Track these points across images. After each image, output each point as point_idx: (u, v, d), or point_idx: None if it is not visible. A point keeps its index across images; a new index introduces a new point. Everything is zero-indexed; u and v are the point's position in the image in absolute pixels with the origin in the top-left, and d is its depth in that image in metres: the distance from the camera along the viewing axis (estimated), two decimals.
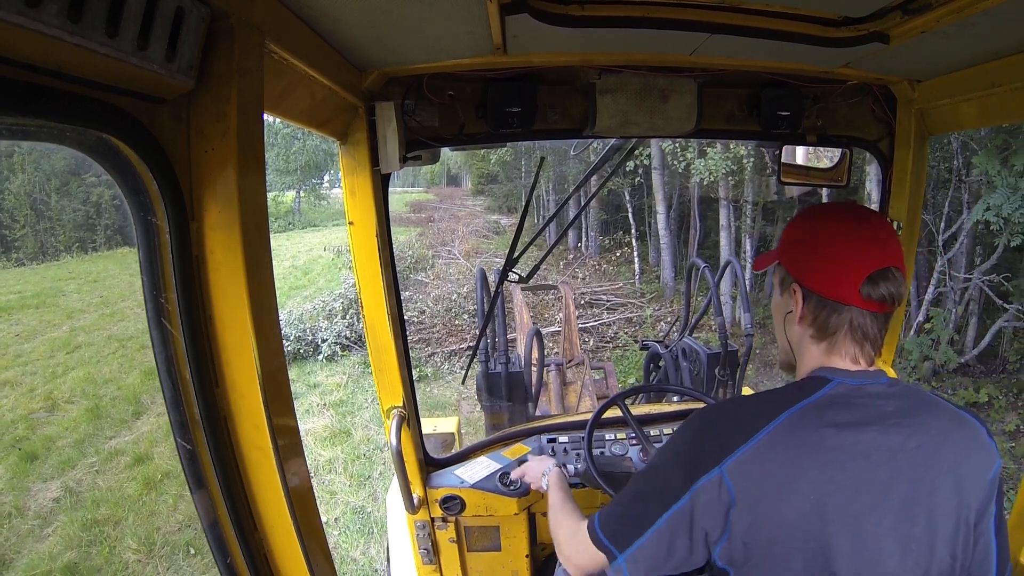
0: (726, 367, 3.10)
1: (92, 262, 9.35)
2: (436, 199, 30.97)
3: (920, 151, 1.61)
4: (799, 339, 0.97)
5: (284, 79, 0.91)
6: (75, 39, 0.51)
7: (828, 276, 0.90)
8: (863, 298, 0.88)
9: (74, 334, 6.23)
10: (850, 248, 0.89)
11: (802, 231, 0.97)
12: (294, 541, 0.81)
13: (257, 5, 0.75)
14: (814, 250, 0.93)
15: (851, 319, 0.90)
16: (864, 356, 0.92)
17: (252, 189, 0.73)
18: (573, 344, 5.33)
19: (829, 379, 0.90)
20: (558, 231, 16.28)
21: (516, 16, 0.99)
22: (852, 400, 0.87)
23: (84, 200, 9.97)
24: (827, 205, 0.98)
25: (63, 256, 9.37)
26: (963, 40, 1.10)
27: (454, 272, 13.56)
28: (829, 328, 0.92)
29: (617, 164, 2.30)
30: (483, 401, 3.25)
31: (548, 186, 17.16)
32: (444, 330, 9.98)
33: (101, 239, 9.75)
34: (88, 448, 4.67)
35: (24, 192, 9.63)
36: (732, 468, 0.84)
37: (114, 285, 7.93)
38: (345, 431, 6.84)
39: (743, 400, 1.00)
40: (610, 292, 12.24)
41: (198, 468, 0.77)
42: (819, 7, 1.06)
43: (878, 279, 0.87)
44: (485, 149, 15.04)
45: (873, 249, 0.89)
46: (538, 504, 1.92)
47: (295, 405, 0.87)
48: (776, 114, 1.58)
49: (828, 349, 0.93)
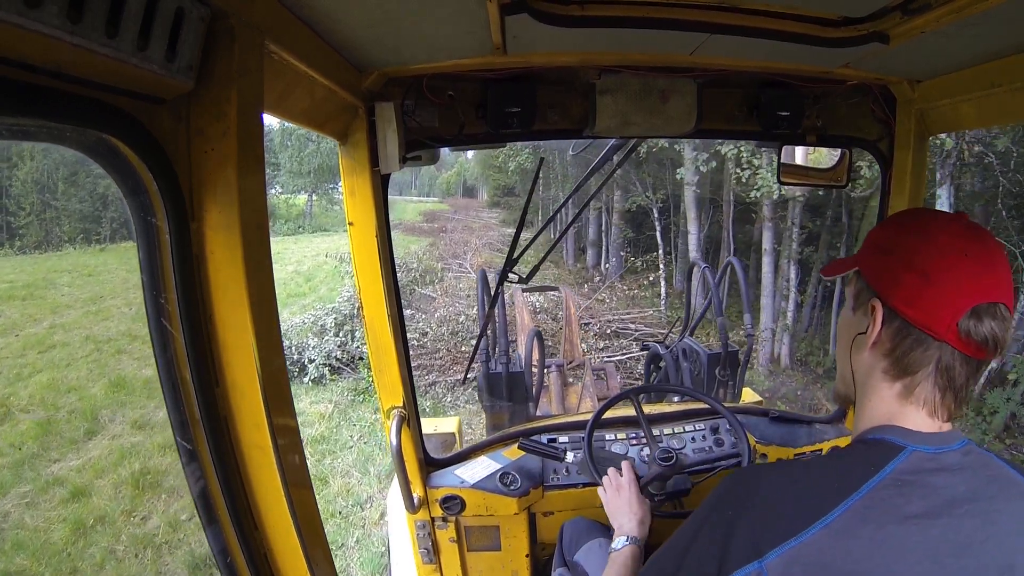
0: (726, 367, 3.10)
1: (93, 255, 9.15)
2: (451, 209, 30.74)
3: (920, 151, 1.61)
4: (867, 370, 0.80)
5: (284, 79, 0.91)
6: (75, 39, 0.51)
7: (922, 296, 0.73)
8: (960, 335, 0.71)
9: (52, 331, 5.96)
10: (957, 267, 0.72)
11: (897, 237, 0.80)
12: (294, 541, 0.81)
13: (257, 5, 0.75)
14: (909, 262, 0.75)
15: (940, 358, 0.74)
16: (943, 409, 0.76)
17: (252, 189, 0.73)
18: (574, 345, 5.34)
19: (901, 445, 0.73)
20: (576, 247, 16.08)
21: (516, 16, 0.99)
22: (924, 479, 0.72)
23: (91, 191, 9.87)
24: (932, 212, 0.81)
25: (66, 247, 9.24)
26: (963, 40, 1.10)
27: (464, 287, 12.67)
28: (910, 364, 0.75)
29: (618, 164, 2.30)
30: (484, 401, 3.26)
31: (558, 192, 16.86)
32: (448, 357, 8.87)
33: (106, 231, 9.64)
34: (27, 472, 4.16)
35: (32, 180, 9.49)
36: (775, 566, 0.68)
37: (108, 280, 7.64)
38: (321, 478, 5.66)
39: (790, 471, 0.78)
40: (639, 321, 10.98)
41: (198, 468, 0.77)
42: (819, 7, 1.06)
43: (983, 314, 0.71)
44: (502, 158, 14.98)
45: (985, 277, 0.72)
46: (538, 504, 1.92)
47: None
48: (776, 114, 1.58)
49: (903, 393, 0.76)
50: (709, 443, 1.97)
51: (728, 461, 1.80)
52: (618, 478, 1.50)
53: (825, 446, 2.01)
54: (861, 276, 0.83)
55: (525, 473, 1.89)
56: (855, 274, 0.84)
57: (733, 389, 3.18)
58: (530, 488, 1.86)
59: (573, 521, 1.88)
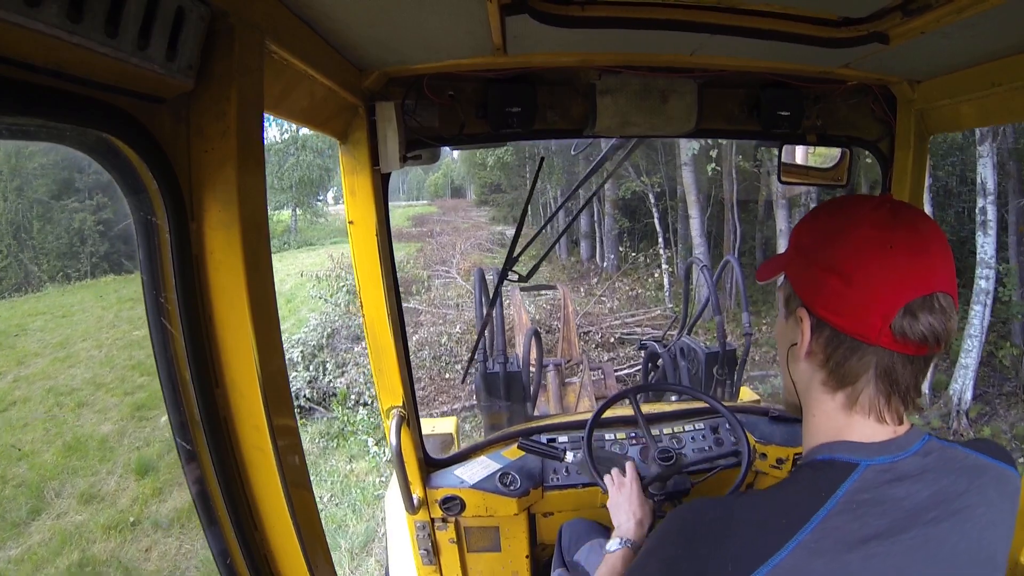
0: (724, 366, 3.11)
1: (72, 292, 8.57)
2: (439, 211, 29.77)
3: (920, 151, 1.62)
4: (806, 382, 0.74)
5: (284, 79, 0.91)
6: (75, 39, 0.51)
7: (847, 301, 0.67)
8: (895, 336, 0.65)
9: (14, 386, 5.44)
10: (881, 263, 0.65)
11: (818, 234, 0.72)
12: (294, 541, 0.81)
13: (257, 5, 0.75)
14: (829, 264, 0.68)
15: (877, 362, 0.67)
16: (891, 412, 0.69)
17: (252, 189, 0.73)
18: (572, 344, 5.35)
19: (853, 463, 0.67)
20: (568, 240, 15.59)
21: (516, 16, 0.99)
22: (882, 493, 0.65)
23: (67, 227, 9.61)
24: (853, 198, 0.73)
25: (46, 287, 8.88)
26: (963, 40, 1.10)
27: (453, 295, 11.31)
28: (847, 374, 0.69)
29: (618, 163, 2.31)
30: (481, 401, 3.26)
31: (556, 192, 16.59)
32: (432, 387, 7.57)
33: (86, 267, 9.38)
34: None
35: (6, 221, 9.19)
36: None
37: (82, 320, 7.10)
38: None
39: (736, 505, 0.69)
40: (645, 323, 9.77)
41: (198, 469, 0.77)
42: (819, 7, 1.06)
43: (918, 310, 0.64)
44: (483, 155, 14.64)
45: (915, 269, 0.65)
46: (538, 504, 1.92)
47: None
48: (776, 114, 1.58)
49: (846, 404, 0.70)
50: (709, 442, 1.97)
51: (728, 460, 1.80)
52: (621, 477, 1.50)
53: None
54: (787, 281, 0.75)
55: (525, 473, 1.89)
56: (784, 278, 0.76)
57: (731, 388, 3.18)
58: (530, 488, 1.86)
59: (572, 522, 1.88)
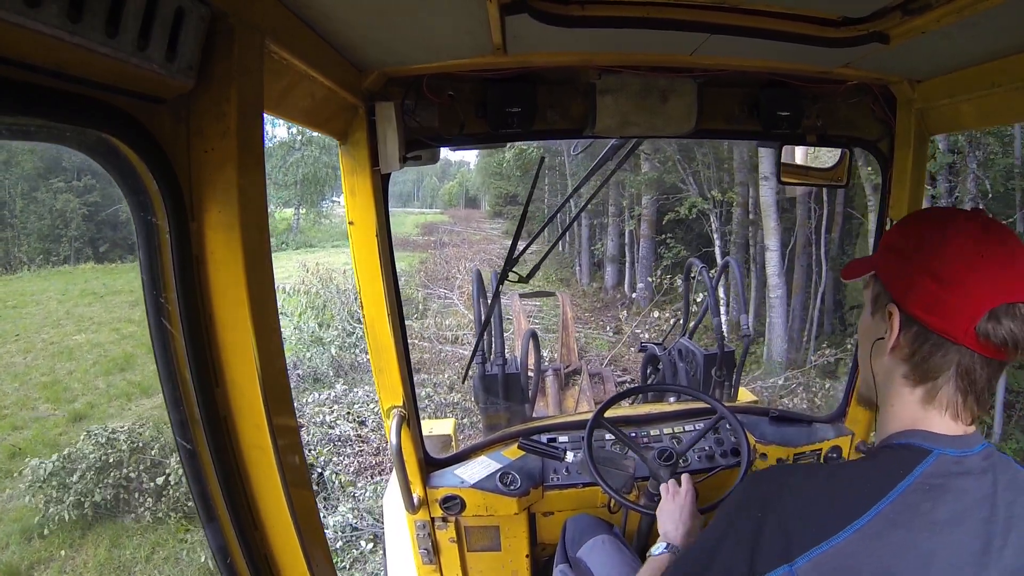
0: (722, 368, 3.11)
1: (45, 278, 8.26)
2: (451, 221, 28.84)
3: (920, 151, 1.62)
4: (887, 375, 0.79)
5: (284, 79, 0.91)
6: (75, 39, 0.51)
7: (938, 301, 0.72)
8: (979, 338, 0.70)
9: None
10: (973, 269, 0.71)
11: (911, 238, 0.78)
12: (294, 541, 0.81)
13: (257, 5, 0.75)
14: (924, 267, 0.74)
15: (959, 362, 0.73)
16: (966, 412, 0.75)
17: (252, 189, 0.73)
18: (571, 350, 5.38)
19: (928, 449, 0.73)
20: (591, 263, 14.28)
21: (516, 16, 0.99)
22: (950, 483, 0.71)
23: (50, 208, 9.33)
24: (948, 210, 0.82)
25: (22, 269, 8.67)
26: (963, 40, 1.10)
27: (452, 323, 9.55)
28: (930, 369, 0.74)
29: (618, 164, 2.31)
30: (480, 403, 3.26)
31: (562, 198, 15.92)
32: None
33: (67, 251, 9.12)
34: None
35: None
36: (806, 570, 0.68)
37: (30, 314, 6.64)
38: None
39: (815, 474, 0.78)
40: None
41: (198, 468, 0.77)
42: (819, 7, 1.06)
43: (1002, 316, 0.69)
44: (499, 162, 14.12)
45: (1003, 278, 0.71)
46: (538, 504, 1.92)
47: None
48: (776, 114, 1.58)
49: (925, 398, 0.76)
50: (709, 443, 1.97)
51: (728, 460, 1.80)
52: (676, 487, 1.50)
53: (825, 446, 2.01)
54: (877, 278, 0.81)
55: (525, 473, 1.89)
56: (872, 277, 0.83)
57: (730, 390, 3.18)
58: (530, 488, 1.86)
59: (576, 517, 1.88)
